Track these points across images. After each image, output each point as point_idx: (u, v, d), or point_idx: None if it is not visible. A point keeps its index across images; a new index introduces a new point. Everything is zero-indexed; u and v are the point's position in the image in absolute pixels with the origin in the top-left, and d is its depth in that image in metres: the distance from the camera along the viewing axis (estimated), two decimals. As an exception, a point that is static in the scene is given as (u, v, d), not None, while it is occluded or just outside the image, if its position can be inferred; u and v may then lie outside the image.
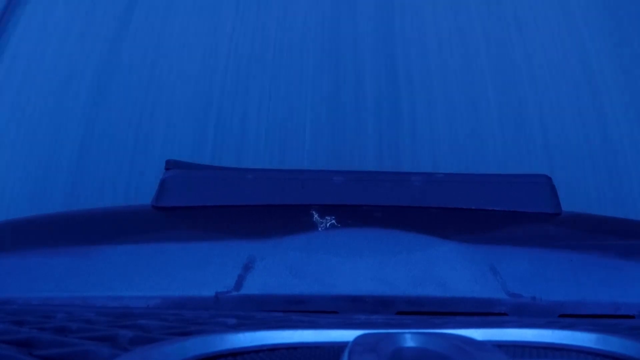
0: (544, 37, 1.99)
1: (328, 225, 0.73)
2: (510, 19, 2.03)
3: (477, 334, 0.37)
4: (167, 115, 1.79)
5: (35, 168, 1.68)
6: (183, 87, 1.85)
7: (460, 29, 2.00)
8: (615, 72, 1.90)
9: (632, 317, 0.65)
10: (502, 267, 0.68)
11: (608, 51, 1.95)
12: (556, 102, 1.84)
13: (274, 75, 1.88)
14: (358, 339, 0.34)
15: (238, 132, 1.76)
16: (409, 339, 0.33)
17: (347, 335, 0.36)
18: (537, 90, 1.87)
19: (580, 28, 2.01)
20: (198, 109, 1.80)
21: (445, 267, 0.68)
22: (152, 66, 1.89)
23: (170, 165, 0.85)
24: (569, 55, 1.94)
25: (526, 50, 1.96)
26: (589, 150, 1.74)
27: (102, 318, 0.43)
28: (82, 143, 1.73)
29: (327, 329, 0.38)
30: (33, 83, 1.85)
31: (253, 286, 0.65)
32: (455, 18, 2.03)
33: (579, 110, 1.82)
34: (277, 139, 1.74)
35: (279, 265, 0.67)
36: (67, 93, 1.83)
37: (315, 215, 0.74)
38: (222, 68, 1.89)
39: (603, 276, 0.70)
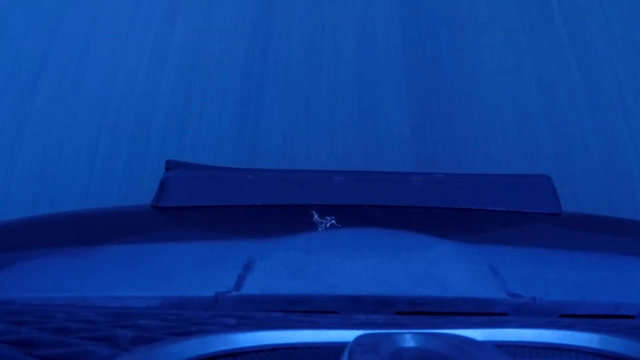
0: (543, 35, 1.99)
1: (328, 225, 0.73)
2: (509, 16, 2.03)
3: (477, 334, 0.37)
4: (166, 114, 1.79)
5: (36, 168, 1.68)
6: (181, 87, 1.85)
7: (458, 25, 2.00)
8: (615, 72, 1.90)
9: (632, 317, 0.65)
10: (502, 267, 0.68)
11: (609, 49, 1.95)
12: (556, 101, 1.84)
13: (270, 74, 1.88)
14: (358, 339, 0.34)
15: (236, 132, 1.76)
16: (409, 339, 0.33)
17: (347, 335, 0.36)
18: (536, 89, 1.86)
19: (581, 27, 2.01)
20: (197, 109, 1.80)
21: (445, 267, 0.68)
22: (148, 67, 1.89)
23: (170, 165, 0.85)
24: (568, 54, 1.94)
25: (525, 48, 1.96)
26: (589, 150, 1.74)
27: (102, 318, 0.43)
28: (82, 143, 1.73)
29: (327, 329, 0.38)
30: (33, 83, 1.85)
31: (253, 286, 0.65)
32: (452, 13, 2.03)
33: (579, 110, 1.82)
34: (273, 139, 1.74)
35: (279, 265, 0.67)
36: (67, 92, 1.83)
37: (315, 215, 0.74)
38: (219, 67, 1.89)
39: (603, 276, 0.70)
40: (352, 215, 0.75)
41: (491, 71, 1.90)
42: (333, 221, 0.73)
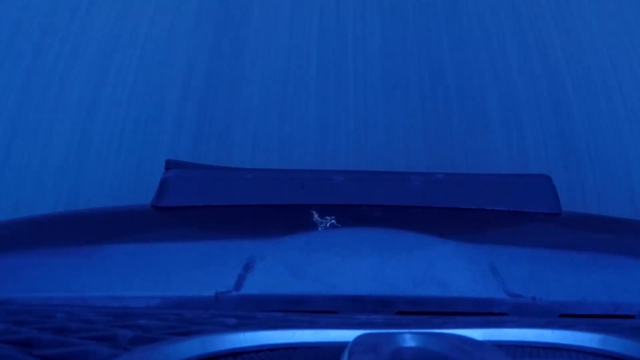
0: (543, 35, 1.99)
1: (328, 225, 0.73)
2: (507, 15, 2.03)
3: (477, 334, 0.37)
4: (166, 114, 1.79)
5: (36, 167, 1.68)
6: (181, 87, 1.85)
7: (456, 25, 2.00)
8: (617, 72, 1.90)
9: (632, 317, 0.65)
10: (502, 267, 0.68)
11: (610, 50, 1.95)
12: (556, 101, 1.84)
13: (267, 74, 1.88)
14: (358, 339, 0.33)
15: (235, 132, 1.76)
16: (409, 339, 0.33)
17: (347, 335, 0.36)
18: (536, 89, 1.87)
19: (582, 26, 2.01)
20: (196, 109, 1.80)
21: (445, 267, 0.68)
22: (148, 69, 1.89)
23: (170, 165, 0.85)
24: (569, 53, 1.94)
25: (523, 47, 1.96)
26: (588, 150, 1.74)
27: (102, 318, 0.43)
28: (83, 142, 1.73)
29: (327, 329, 0.38)
30: (34, 83, 1.85)
31: (253, 286, 0.65)
32: (449, 16, 2.03)
33: (580, 110, 1.82)
34: (271, 139, 1.74)
35: (279, 265, 0.67)
36: (67, 91, 1.83)
37: (315, 215, 0.74)
38: (217, 67, 1.89)
39: (603, 276, 0.70)
40: (352, 215, 0.75)
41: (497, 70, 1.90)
42: (333, 221, 0.73)
